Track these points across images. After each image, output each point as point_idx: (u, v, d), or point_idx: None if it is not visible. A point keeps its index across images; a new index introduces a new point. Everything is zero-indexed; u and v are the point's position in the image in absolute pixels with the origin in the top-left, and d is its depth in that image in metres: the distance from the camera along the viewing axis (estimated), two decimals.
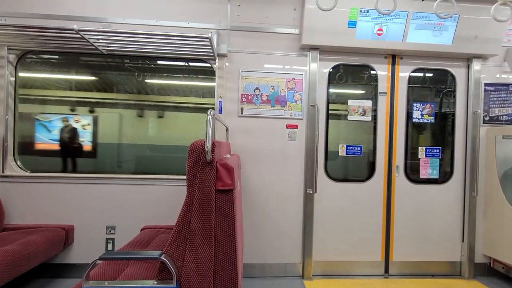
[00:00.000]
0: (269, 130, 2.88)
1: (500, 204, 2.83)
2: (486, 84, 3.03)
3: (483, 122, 3.02)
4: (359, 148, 2.99)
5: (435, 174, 3.04)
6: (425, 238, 3.02)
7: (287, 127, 2.90)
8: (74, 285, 1.59)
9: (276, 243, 2.89)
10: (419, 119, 3.05)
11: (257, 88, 2.87)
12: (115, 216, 2.77)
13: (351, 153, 2.99)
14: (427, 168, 3.04)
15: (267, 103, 2.88)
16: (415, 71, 3.05)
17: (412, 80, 3.05)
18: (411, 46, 2.82)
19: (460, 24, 2.76)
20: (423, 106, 3.05)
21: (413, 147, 3.05)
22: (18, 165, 2.78)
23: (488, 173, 2.98)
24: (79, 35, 2.33)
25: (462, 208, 3.05)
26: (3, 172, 2.68)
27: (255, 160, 2.88)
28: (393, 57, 3.02)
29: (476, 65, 3.00)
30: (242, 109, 2.86)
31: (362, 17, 2.71)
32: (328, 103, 2.97)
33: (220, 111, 2.83)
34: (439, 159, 3.05)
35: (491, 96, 3.04)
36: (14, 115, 2.79)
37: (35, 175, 2.72)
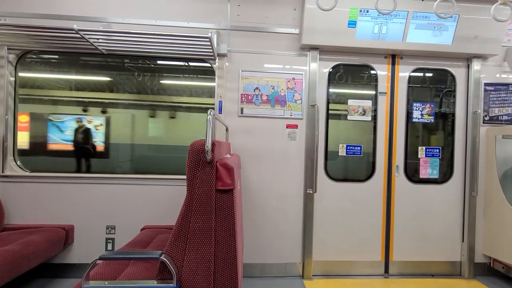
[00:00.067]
0: (269, 130, 2.88)
1: (500, 204, 2.83)
2: (486, 84, 3.03)
3: (483, 122, 3.02)
4: (359, 148, 2.99)
5: (435, 174, 3.05)
6: (425, 238, 3.02)
7: (287, 127, 2.90)
8: (74, 285, 1.59)
9: (276, 243, 2.89)
10: (419, 119, 3.05)
11: (257, 88, 2.87)
12: (115, 216, 2.77)
13: (351, 153, 2.99)
14: (427, 168, 3.04)
15: (267, 103, 2.88)
16: (415, 71, 3.05)
17: (412, 80, 3.05)
18: (411, 46, 2.82)
19: (460, 24, 2.76)
20: (423, 106, 3.05)
21: (413, 147, 3.05)
22: (18, 165, 2.78)
23: (488, 173, 2.98)
24: (79, 35, 2.33)
25: (462, 208, 3.05)
26: (3, 172, 2.68)
27: (255, 160, 2.88)
28: (393, 57, 3.02)
29: (476, 65, 3.00)
30: (242, 109, 2.86)
31: (362, 17, 2.71)
32: (328, 103, 2.97)
33: (220, 111, 2.83)
34: (439, 159, 3.05)
35: (491, 96, 3.04)
36: (14, 115, 2.79)
37: (35, 175, 2.72)
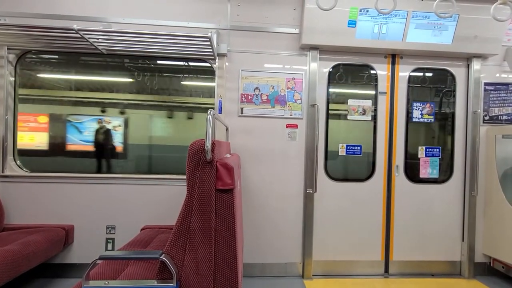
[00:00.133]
0: (269, 130, 2.88)
1: (500, 204, 2.83)
2: (486, 84, 3.03)
3: (483, 122, 3.02)
4: (359, 148, 2.99)
5: (435, 174, 3.05)
6: (425, 238, 3.02)
7: (287, 127, 2.90)
8: (74, 285, 1.59)
9: (276, 243, 2.89)
10: (419, 119, 3.05)
11: (257, 88, 2.87)
12: (115, 216, 2.77)
13: (351, 153, 2.99)
14: (427, 168, 3.04)
15: (267, 103, 2.88)
16: (415, 71, 3.05)
17: (412, 80, 3.06)
18: (411, 46, 2.82)
19: (460, 24, 2.76)
20: (423, 106, 3.05)
21: (413, 147, 3.05)
22: (18, 165, 2.78)
23: (488, 173, 2.98)
24: (79, 35, 2.33)
25: (462, 208, 3.05)
26: (3, 172, 2.68)
27: (255, 160, 2.88)
28: (393, 57, 3.02)
29: (476, 65, 3.00)
30: (242, 109, 2.86)
31: (362, 17, 2.71)
32: (328, 103, 2.97)
33: (220, 111, 2.83)
34: (439, 159, 3.05)
35: (491, 96, 3.04)
36: (14, 115, 2.79)
37: (35, 175, 2.72)
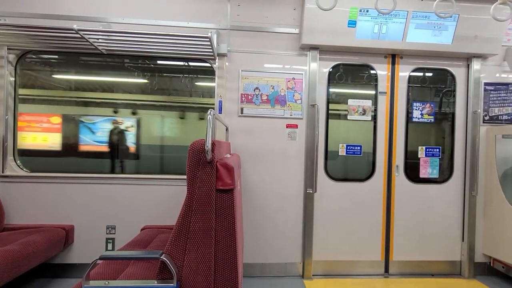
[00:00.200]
0: (269, 130, 2.88)
1: (500, 204, 2.83)
2: (486, 84, 3.04)
3: (483, 122, 3.03)
4: (359, 148, 2.99)
5: (435, 174, 3.05)
6: (425, 238, 3.02)
7: (287, 127, 2.90)
8: (75, 285, 1.59)
9: (276, 243, 2.89)
10: (419, 119, 3.05)
11: (257, 88, 2.87)
12: (115, 216, 2.77)
13: (351, 153, 2.99)
14: (427, 168, 3.04)
15: (267, 103, 2.88)
16: (415, 71, 3.05)
17: (412, 80, 3.06)
18: (411, 46, 2.82)
19: (460, 24, 2.76)
20: (423, 106, 3.05)
21: (413, 147, 3.05)
22: (18, 165, 2.78)
23: (488, 173, 2.98)
24: (79, 35, 2.33)
25: (462, 208, 3.05)
26: (3, 172, 2.68)
27: (255, 160, 2.88)
28: (393, 57, 3.02)
29: (476, 65, 3.00)
30: (242, 109, 2.86)
31: (362, 17, 2.71)
32: (328, 103, 2.97)
33: (220, 111, 2.83)
34: (439, 159, 3.05)
35: (491, 96, 3.04)
36: (14, 115, 2.79)
37: (35, 175, 2.72)
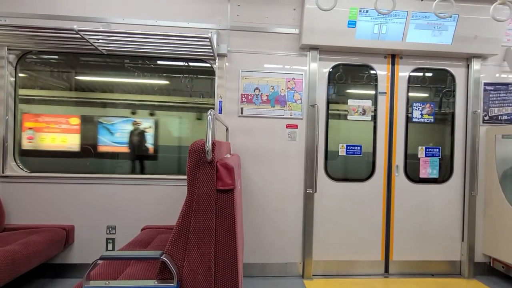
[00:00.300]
0: (269, 130, 2.89)
1: (500, 203, 2.84)
2: (486, 84, 3.04)
3: (483, 122, 3.03)
4: (359, 148, 3.00)
5: (435, 174, 3.05)
6: (425, 238, 3.02)
7: (287, 127, 2.90)
8: (75, 285, 1.59)
9: (276, 243, 2.89)
10: (419, 119, 3.05)
11: (257, 88, 2.87)
12: (116, 216, 2.77)
13: (351, 153, 2.99)
14: (427, 168, 3.05)
15: (267, 103, 2.88)
16: (415, 71, 3.06)
17: (412, 80, 3.06)
18: (411, 46, 2.82)
19: (460, 24, 2.76)
20: (423, 106, 3.05)
21: (413, 147, 3.05)
22: (18, 165, 2.78)
23: (488, 173, 2.98)
24: (79, 35, 2.33)
25: (462, 208, 3.05)
26: (3, 172, 2.68)
27: (255, 160, 2.88)
28: (393, 57, 3.02)
29: (476, 65, 3.00)
30: (242, 109, 2.86)
31: (362, 17, 2.71)
32: (328, 103, 2.98)
33: (220, 111, 2.84)
34: (439, 159, 3.06)
35: (491, 96, 3.04)
36: (14, 115, 2.79)
37: (35, 175, 2.72)
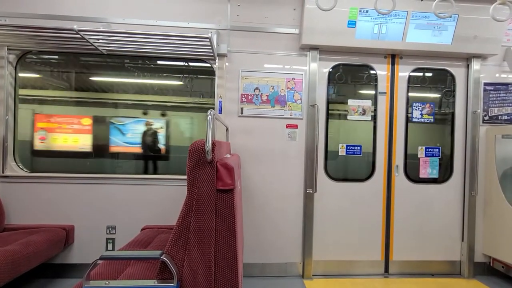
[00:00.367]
0: (269, 130, 2.89)
1: (500, 203, 2.84)
2: (486, 84, 3.04)
3: (483, 122, 3.03)
4: (359, 148, 3.00)
5: (435, 174, 3.05)
6: (425, 238, 3.02)
7: (287, 127, 2.90)
8: (75, 285, 1.59)
9: (276, 243, 2.89)
10: (419, 119, 3.05)
11: (257, 88, 2.87)
12: (115, 216, 2.77)
13: (351, 153, 2.99)
14: (427, 168, 3.05)
15: (267, 103, 2.88)
16: (415, 71, 3.06)
17: (412, 80, 3.06)
18: (411, 46, 2.82)
19: (460, 24, 2.76)
20: (423, 106, 3.05)
21: (413, 147, 3.05)
22: (18, 165, 2.78)
23: (488, 173, 2.99)
24: (79, 35, 2.33)
25: (462, 208, 3.05)
26: (3, 172, 2.68)
27: (255, 160, 2.88)
28: (393, 57, 3.02)
29: (476, 65, 3.00)
30: (242, 109, 2.86)
31: (362, 17, 2.71)
32: (328, 103, 2.98)
33: (220, 111, 2.84)
34: (439, 159, 3.06)
35: (491, 96, 3.04)
36: (14, 115, 2.79)
37: (35, 175, 2.72)
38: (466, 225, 3.01)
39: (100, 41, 2.54)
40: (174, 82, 3.40)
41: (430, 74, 3.12)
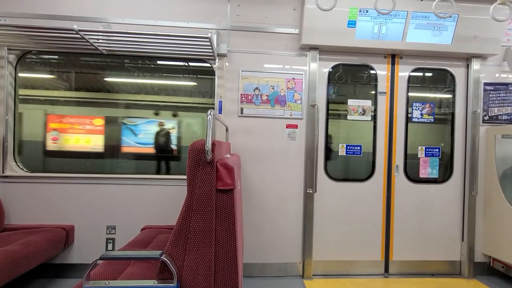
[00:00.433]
0: (269, 130, 2.89)
1: (500, 203, 2.84)
2: (486, 84, 3.04)
3: (483, 122, 3.03)
4: (359, 148, 3.00)
5: (435, 174, 3.05)
6: (425, 238, 3.02)
7: (287, 127, 2.90)
8: (75, 285, 1.60)
9: (276, 243, 2.89)
10: (419, 119, 3.05)
11: (257, 88, 2.87)
12: (115, 216, 2.77)
13: (351, 153, 2.99)
14: (427, 168, 3.05)
15: (267, 103, 2.88)
16: (415, 71, 3.06)
17: (412, 80, 3.06)
18: (411, 46, 2.82)
19: (460, 24, 2.76)
20: (423, 106, 3.05)
21: (413, 146, 3.05)
22: (18, 165, 2.78)
23: (488, 173, 2.99)
24: (79, 35, 2.33)
25: (462, 207, 3.05)
26: (3, 172, 2.68)
27: (255, 160, 2.88)
28: (393, 57, 3.02)
29: (476, 65, 3.00)
30: (242, 109, 2.86)
31: (362, 17, 2.71)
32: (328, 103, 2.98)
33: (220, 111, 2.84)
34: (439, 159, 3.06)
35: (491, 96, 3.04)
36: (14, 116, 2.79)
37: (35, 175, 2.72)
38: (466, 225, 3.01)
39: (100, 41, 2.54)
40: (187, 83, 3.41)
41: (430, 74, 3.12)
